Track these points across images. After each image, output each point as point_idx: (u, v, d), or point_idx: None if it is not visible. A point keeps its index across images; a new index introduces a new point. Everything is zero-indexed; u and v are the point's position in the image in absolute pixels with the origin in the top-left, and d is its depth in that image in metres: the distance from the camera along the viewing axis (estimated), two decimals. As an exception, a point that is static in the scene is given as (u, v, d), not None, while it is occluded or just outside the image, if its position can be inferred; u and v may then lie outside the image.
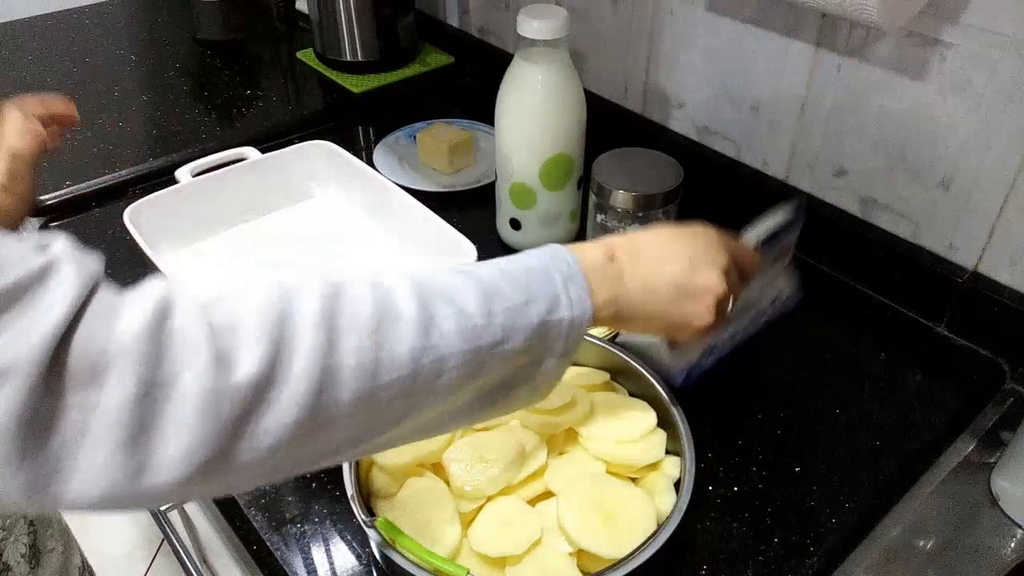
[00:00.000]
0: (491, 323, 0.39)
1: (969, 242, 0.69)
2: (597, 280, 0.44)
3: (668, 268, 0.47)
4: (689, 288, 0.47)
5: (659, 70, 0.89)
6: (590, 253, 0.45)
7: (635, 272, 0.46)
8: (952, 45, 0.63)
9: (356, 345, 0.35)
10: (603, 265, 0.45)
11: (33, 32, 1.29)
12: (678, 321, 0.48)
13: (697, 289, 0.48)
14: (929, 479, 0.62)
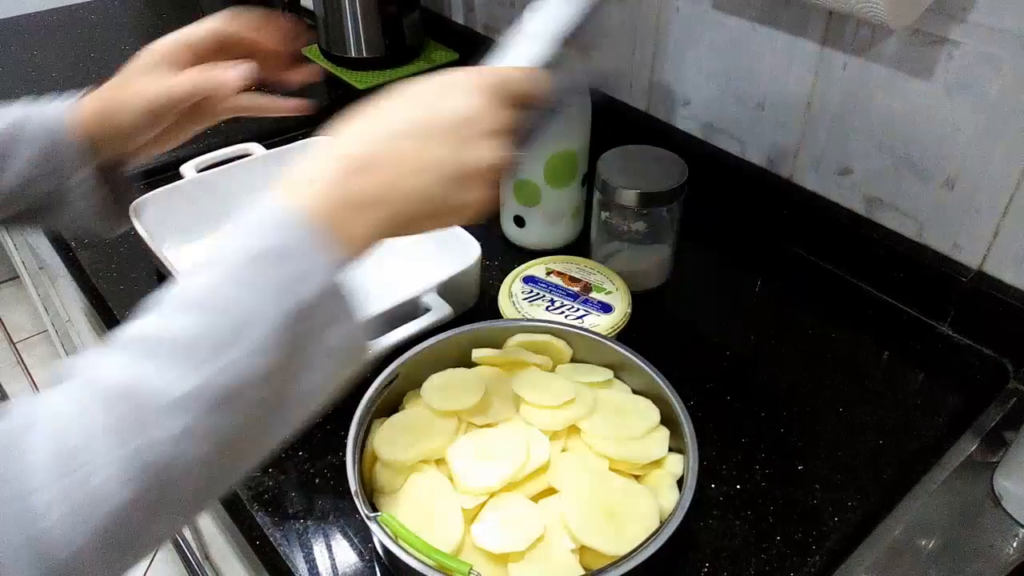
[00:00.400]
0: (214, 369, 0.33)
1: (974, 242, 0.69)
2: (340, 216, 0.38)
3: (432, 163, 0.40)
4: (461, 174, 0.41)
5: (665, 68, 0.89)
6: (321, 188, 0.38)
7: (390, 184, 0.40)
8: (959, 44, 0.63)
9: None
10: (343, 193, 0.38)
11: (40, 27, 1.29)
12: (462, 207, 0.42)
13: (471, 173, 0.41)
14: (932, 478, 0.62)
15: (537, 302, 0.70)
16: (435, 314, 0.65)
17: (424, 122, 0.41)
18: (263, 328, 0.34)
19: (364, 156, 0.40)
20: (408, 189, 0.40)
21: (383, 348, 0.62)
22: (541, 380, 0.58)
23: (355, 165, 0.39)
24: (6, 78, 1.14)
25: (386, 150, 0.40)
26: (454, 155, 0.41)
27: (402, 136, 0.40)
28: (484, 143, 0.41)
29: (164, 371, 0.33)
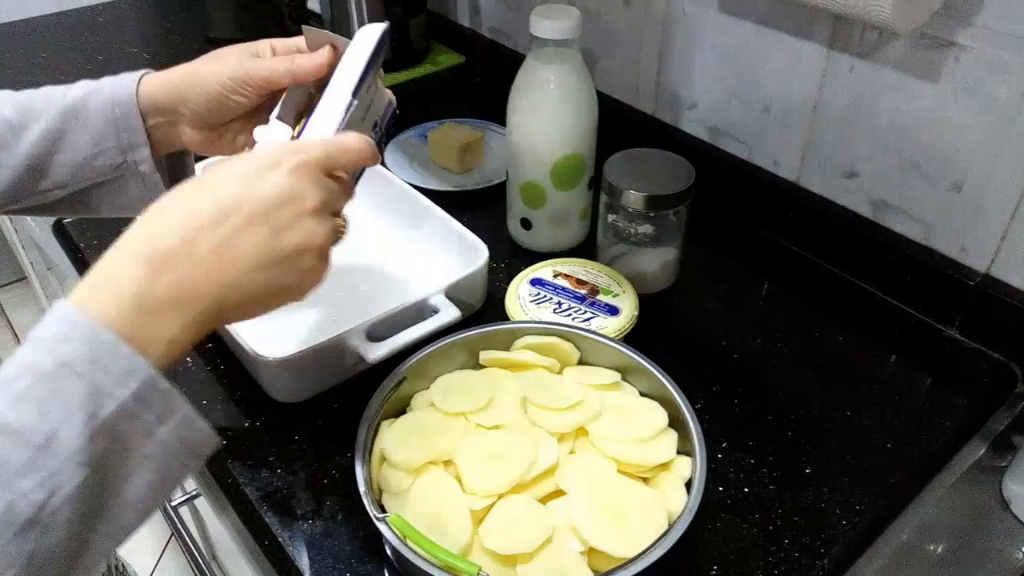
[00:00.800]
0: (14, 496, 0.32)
1: (981, 245, 0.69)
2: (144, 318, 0.36)
3: (244, 253, 0.39)
4: (281, 258, 0.40)
5: (671, 71, 0.89)
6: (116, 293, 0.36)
7: (196, 281, 0.38)
8: (966, 47, 0.63)
9: None
10: (140, 297, 0.36)
11: (47, 29, 1.30)
12: (291, 287, 0.41)
13: (290, 253, 0.40)
14: (940, 483, 0.61)
15: (544, 304, 0.70)
16: (442, 316, 0.65)
17: (236, 210, 0.39)
18: (64, 450, 0.33)
19: (167, 252, 0.37)
20: (222, 282, 0.38)
21: (391, 350, 0.62)
22: (549, 382, 0.58)
23: (157, 263, 0.37)
24: (14, 80, 1.14)
25: (194, 244, 0.38)
26: (272, 241, 0.40)
27: (212, 226, 0.38)
28: (304, 222, 0.41)
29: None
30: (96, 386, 0.34)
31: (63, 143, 0.52)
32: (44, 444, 0.33)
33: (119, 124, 0.52)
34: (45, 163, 0.52)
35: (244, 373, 0.67)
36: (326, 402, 0.65)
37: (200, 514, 1.05)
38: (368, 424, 0.54)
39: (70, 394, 0.34)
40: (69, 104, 0.53)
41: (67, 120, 0.52)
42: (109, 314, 0.36)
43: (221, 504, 0.63)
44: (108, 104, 0.52)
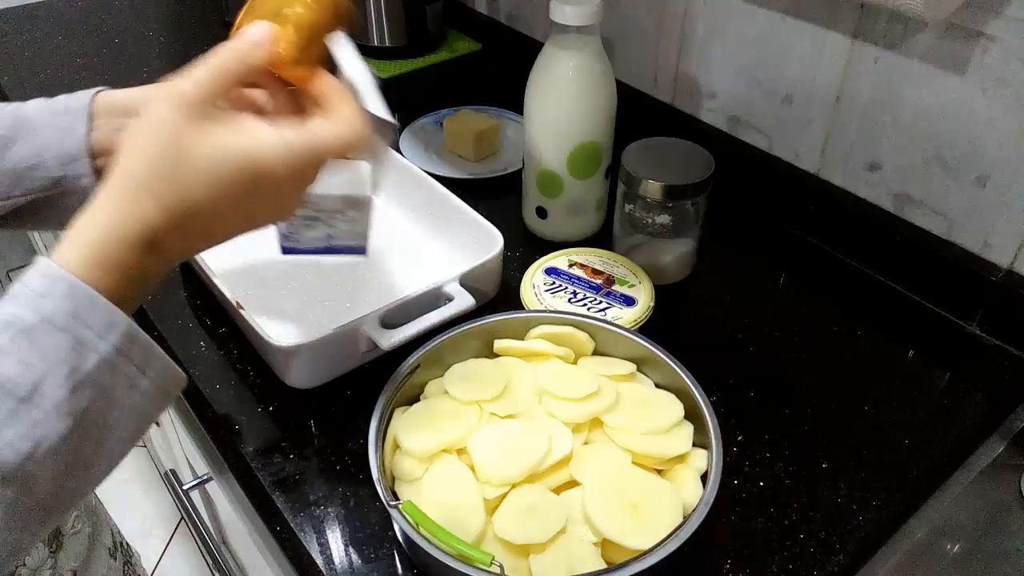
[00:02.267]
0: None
1: (1005, 240, 0.68)
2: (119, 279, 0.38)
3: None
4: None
5: (691, 59, 0.88)
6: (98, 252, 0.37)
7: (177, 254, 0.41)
8: (995, 39, 0.62)
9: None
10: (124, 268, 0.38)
11: (63, 13, 1.30)
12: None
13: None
14: (958, 480, 0.61)
15: (559, 294, 0.69)
16: (457, 304, 0.64)
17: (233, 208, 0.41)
18: (47, 401, 0.34)
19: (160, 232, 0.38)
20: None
21: (405, 337, 0.62)
22: (563, 372, 0.57)
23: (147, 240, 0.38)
24: (31, 64, 1.14)
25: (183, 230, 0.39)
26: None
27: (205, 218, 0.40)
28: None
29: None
30: (78, 339, 0.35)
31: (7, 152, 0.50)
32: (27, 396, 0.34)
33: (63, 133, 0.50)
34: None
35: (257, 359, 0.67)
36: (339, 389, 0.64)
37: (211, 498, 1.05)
38: (382, 411, 0.53)
39: (53, 348, 0.35)
40: (21, 114, 0.51)
41: (16, 129, 0.51)
42: (90, 271, 0.37)
43: (233, 489, 0.63)
44: (60, 112, 0.51)
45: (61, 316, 0.35)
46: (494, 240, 0.70)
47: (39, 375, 0.35)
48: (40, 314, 0.35)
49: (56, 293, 0.36)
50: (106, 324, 0.36)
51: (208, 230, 0.41)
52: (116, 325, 0.37)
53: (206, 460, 0.81)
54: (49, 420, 0.35)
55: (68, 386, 0.35)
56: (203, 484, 0.81)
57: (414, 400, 0.58)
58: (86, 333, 0.36)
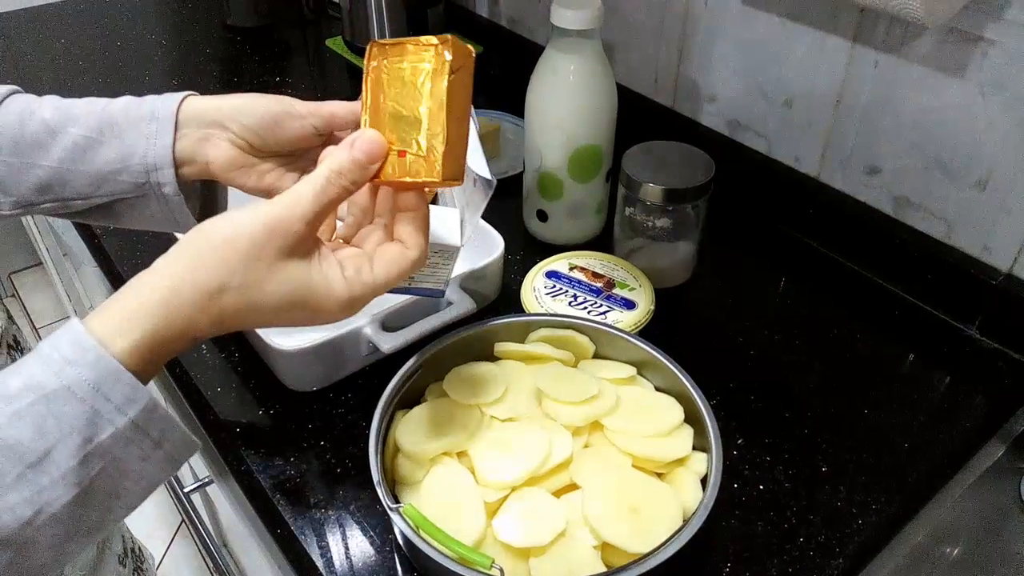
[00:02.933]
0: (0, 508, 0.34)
1: (1004, 244, 0.68)
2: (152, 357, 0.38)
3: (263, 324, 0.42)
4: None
5: (691, 63, 0.88)
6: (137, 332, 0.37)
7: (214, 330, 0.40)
8: (995, 42, 0.62)
9: None
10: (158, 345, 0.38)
11: (65, 16, 1.30)
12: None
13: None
14: (957, 484, 0.61)
15: (560, 297, 0.69)
16: (458, 307, 0.65)
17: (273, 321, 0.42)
18: (56, 469, 0.34)
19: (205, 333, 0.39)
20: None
21: (405, 340, 0.62)
22: (564, 375, 0.57)
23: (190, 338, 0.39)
24: (34, 66, 1.15)
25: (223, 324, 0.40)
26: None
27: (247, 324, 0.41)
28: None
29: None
30: (96, 411, 0.35)
31: (93, 153, 0.51)
32: (36, 462, 0.34)
33: (149, 141, 0.50)
34: (72, 170, 0.51)
35: (259, 361, 0.67)
36: (340, 392, 0.64)
37: (212, 501, 1.05)
38: (382, 414, 0.53)
39: (69, 417, 0.35)
40: (108, 115, 0.51)
41: (102, 130, 0.51)
42: (119, 344, 0.37)
43: (234, 492, 0.64)
44: (146, 118, 0.51)
45: (83, 386, 0.35)
46: (495, 243, 0.70)
47: (51, 443, 0.34)
48: (62, 381, 0.35)
49: (81, 362, 0.35)
50: (127, 399, 0.36)
51: (244, 327, 0.42)
52: (137, 400, 0.36)
53: (207, 463, 0.81)
54: (56, 488, 0.34)
55: (79, 456, 0.35)
56: (204, 487, 0.81)
57: (415, 403, 0.58)
58: (106, 406, 0.35)
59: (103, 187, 0.51)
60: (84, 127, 0.51)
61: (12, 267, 2.19)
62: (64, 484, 0.35)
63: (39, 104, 0.52)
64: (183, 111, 0.51)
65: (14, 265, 2.19)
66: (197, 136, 0.51)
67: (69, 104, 0.52)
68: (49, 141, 0.50)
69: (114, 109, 0.52)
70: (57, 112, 0.51)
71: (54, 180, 0.51)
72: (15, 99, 0.52)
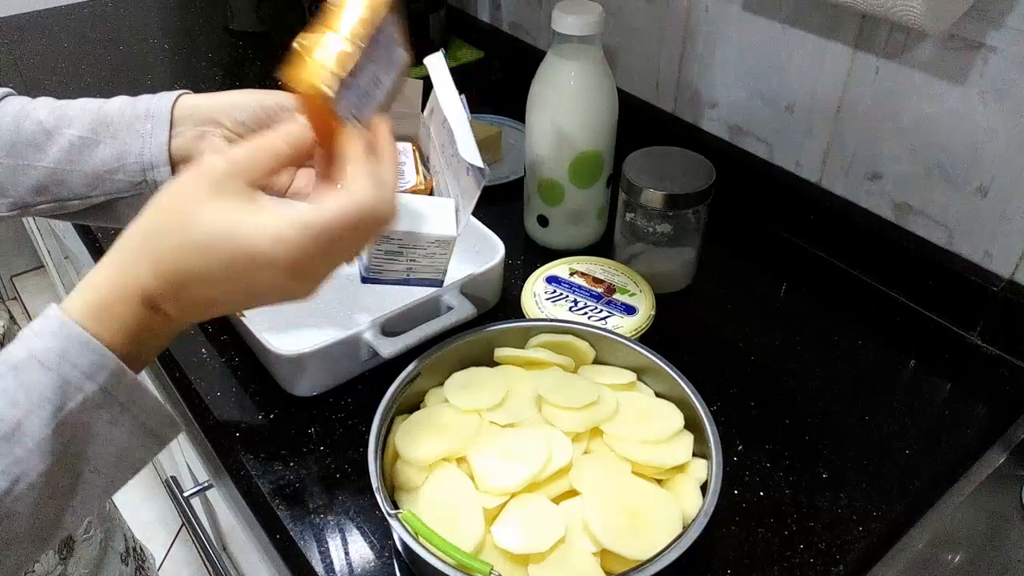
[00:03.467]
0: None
1: (1006, 250, 0.68)
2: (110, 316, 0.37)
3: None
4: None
5: (692, 69, 0.88)
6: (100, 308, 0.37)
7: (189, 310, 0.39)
8: (996, 49, 0.62)
9: None
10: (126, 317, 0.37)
11: (69, 20, 1.31)
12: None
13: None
14: (959, 491, 0.61)
15: (560, 302, 0.69)
16: (458, 312, 0.64)
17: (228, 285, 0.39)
18: (29, 439, 0.34)
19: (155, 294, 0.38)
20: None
21: (405, 345, 0.62)
22: (564, 381, 0.57)
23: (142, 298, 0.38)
24: (35, 70, 1.15)
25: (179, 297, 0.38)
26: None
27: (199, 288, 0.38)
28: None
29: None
30: (64, 379, 0.35)
31: (89, 153, 0.51)
32: (9, 433, 0.34)
33: (144, 139, 0.51)
34: (68, 170, 0.51)
35: (259, 366, 0.67)
36: (340, 397, 0.64)
37: (212, 505, 1.05)
38: (382, 419, 0.53)
39: (38, 386, 0.35)
40: (104, 114, 0.51)
41: (97, 130, 0.51)
42: (76, 308, 0.37)
43: (233, 496, 0.63)
44: (141, 117, 0.51)
45: (49, 355, 0.35)
46: (495, 248, 0.70)
47: (23, 412, 0.35)
48: (30, 351, 0.36)
49: (47, 332, 0.36)
50: (94, 365, 0.36)
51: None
52: (104, 367, 0.36)
53: (207, 467, 0.81)
54: (31, 458, 0.35)
55: (51, 424, 0.35)
56: (204, 491, 0.81)
57: (414, 408, 0.58)
58: (72, 373, 0.35)
59: (100, 187, 0.51)
60: (80, 127, 0.51)
61: (14, 270, 2.20)
62: (38, 454, 0.35)
63: (34, 106, 0.52)
64: (178, 109, 0.51)
65: (16, 268, 2.20)
66: (193, 133, 0.51)
67: (64, 105, 0.52)
68: (45, 142, 0.51)
69: (109, 109, 0.52)
70: (52, 113, 0.51)
71: (51, 181, 0.51)
72: (10, 101, 0.52)
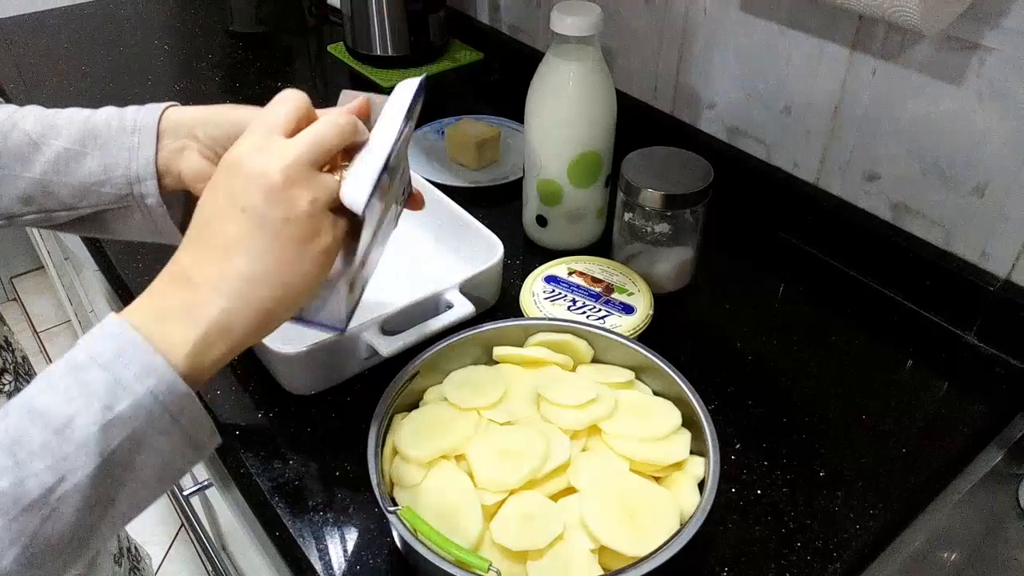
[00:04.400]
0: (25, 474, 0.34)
1: (1002, 250, 0.69)
2: (163, 326, 0.38)
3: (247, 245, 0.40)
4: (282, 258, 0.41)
5: (690, 70, 0.88)
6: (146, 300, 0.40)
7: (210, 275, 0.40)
8: (992, 50, 0.63)
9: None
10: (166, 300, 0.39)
11: (70, 21, 1.31)
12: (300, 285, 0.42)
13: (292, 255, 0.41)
14: (955, 489, 0.61)
15: (559, 302, 0.70)
16: (457, 311, 0.65)
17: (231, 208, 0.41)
18: (78, 437, 0.35)
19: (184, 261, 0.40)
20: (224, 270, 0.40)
21: (405, 344, 0.62)
22: (562, 379, 0.58)
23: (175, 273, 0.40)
24: (37, 71, 1.15)
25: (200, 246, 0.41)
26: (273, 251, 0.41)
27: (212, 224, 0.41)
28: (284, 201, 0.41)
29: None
30: (116, 379, 0.36)
31: (76, 165, 0.51)
32: (60, 428, 0.35)
33: (131, 153, 0.51)
34: (55, 182, 0.51)
35: (258, 365, 0.67)
36: (339, 395, 0.65)
37: (211, 504, 1.05)
38: (381, 417, 0.54)
39: (92, 384, 0.36)
40: (91, 126, 0.51)
41: (85, 142, 0.51)
42: (136, 318, 0.39)
43: (233, 495, 0.64)
44: (128, 130, 0.51)
45: (105, 355, 0.37)
46: (494, 248, 0.70)
47: (75, 409, 0.35)
48: (89, 352, 0.37)
49: (106, 335, 0.37)
50: (145, 367, 0.37)
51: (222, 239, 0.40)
52: (155, 370, 0.37)
53: (206, 466, 0.82)
54: (79, 456, 0.35)
55: (100, 423, 0.35)
56: (203, 490, 0.81)
57: (413, 406, 0.58)
58: (124, 373, 0.36)
59: (86, 198, 0.52)
60: (67, 139, 0.51)
61: (14, 271, 2.20)
62: (85, 453, 0.35)
63: (21, 115, 0.52)
64: (164, 122, 0.52)
65: (16, 269, 2.20)
66: (174, 147, 0.51)
67: (52, 115, 0.52)
68: (32, 153, 0.51)
69: (97, 120, 0.52)
70: (39, 123, 0.51)
71: (37, 191, 0.51)
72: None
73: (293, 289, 0.41)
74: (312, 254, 0.41)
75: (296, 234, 0.41)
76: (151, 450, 0.38)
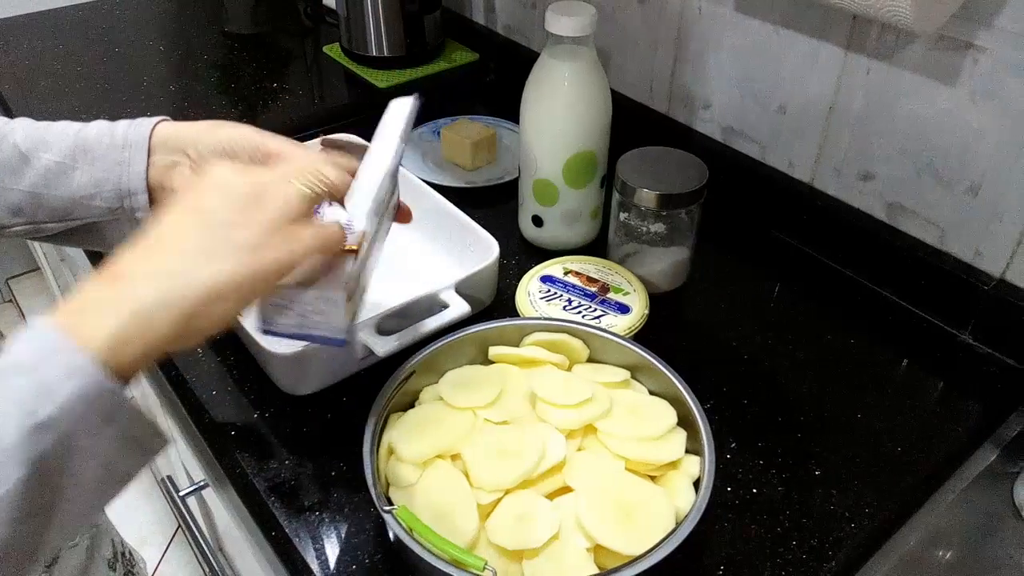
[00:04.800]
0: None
1: (996, 249, 0.69)
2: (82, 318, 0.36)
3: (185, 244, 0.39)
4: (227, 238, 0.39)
5: (686, 70, 0.88)
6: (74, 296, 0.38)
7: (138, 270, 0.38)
8: (985, 50, 0.63)
9: None
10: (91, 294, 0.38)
11: (65, 21, 1.31)
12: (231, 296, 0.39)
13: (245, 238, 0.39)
14: (950, 488, 0.61)
15: (554, 301, 0.70)
16: (453, 311, 0.65)
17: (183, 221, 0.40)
18: (2, 447, 0.33)
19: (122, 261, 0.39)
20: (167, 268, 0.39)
21: (400, 344, 0.62)
22: (558, 379, 0.58)
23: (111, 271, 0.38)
24: (32, 72, 1.15)
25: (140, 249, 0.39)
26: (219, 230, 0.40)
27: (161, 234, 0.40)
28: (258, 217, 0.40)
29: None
30: (40, 383, 0.34)
31: (66, 179, 0.51)
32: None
33: (122, 167, 0.51)
34: (45, 195, 0.51)
35: (254, 365, 0.67)
36: (335, 395, 0.65)
37: (207, 505, 1.05)
38: (376, 417, 0.54)
39: (16, 389, 0.34)
40: (81, 140, 0.52)
41: (75, 156, 0.51)
42: (61, 316, 0.37)
43: (229, 495, 0.64)
44: (119, 145, 0.51)
45: (29, 358, 0.35)
46: (490, 248, 0.70)
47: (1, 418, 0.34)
48: (12, 357, 0.35)
49: (29, 337, 0.36)
50: (70, 368, 0.35)
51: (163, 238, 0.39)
52: (81, 369, 0.35)
53: (203, 466, 0.81)
54: (4, 467, 0.33)
55: (25, 428, 0.34)
56: (200, 490, 0.81)
57: (409, 406, 0.58)
58: (49, 375, 0.35)
59: (76, 211, 0.52)
60: (57, 153, 0.51)
61: (10, 272, 2.20)
62: (13, 463, 0.33)
63: (11, 128, 0.52)
64: (156, 137, 0.52)
65: (12, 270, 2.19)
66: (165, 163, 0.52)
67: (42, 128, 0.52)
68: (21, 166, 0.51)
69: (87, 135, 0.52)
70: (29, 137, 0.51)
71: (26, 204, 0.51)
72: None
73: (221, 297, 0.39)
74: (255, 267, 0.39)
75: (242, 241, 0.39)
76: (86, 453, 0.36)
